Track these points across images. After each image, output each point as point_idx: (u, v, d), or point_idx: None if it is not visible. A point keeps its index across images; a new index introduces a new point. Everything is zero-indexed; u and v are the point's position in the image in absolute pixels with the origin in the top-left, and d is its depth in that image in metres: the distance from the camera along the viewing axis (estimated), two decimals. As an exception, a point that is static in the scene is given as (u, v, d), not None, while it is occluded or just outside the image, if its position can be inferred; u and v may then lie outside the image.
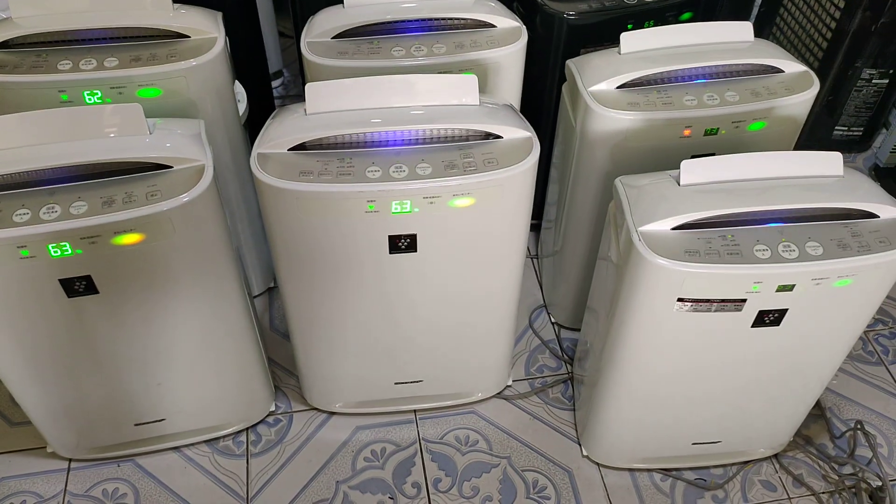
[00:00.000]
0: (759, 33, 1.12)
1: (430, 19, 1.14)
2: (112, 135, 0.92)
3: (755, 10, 1.93)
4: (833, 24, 1.54)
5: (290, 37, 2.00)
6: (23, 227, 0.83)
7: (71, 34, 1.05)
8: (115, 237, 0.87)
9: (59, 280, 0.90)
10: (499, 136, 0.95)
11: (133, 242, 0.88)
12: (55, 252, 0.86)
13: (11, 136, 0.89)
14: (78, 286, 0.91)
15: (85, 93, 1.02)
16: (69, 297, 0.92)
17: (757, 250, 0.87)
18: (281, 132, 0.95)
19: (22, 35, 1.04)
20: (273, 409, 1.27)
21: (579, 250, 1.26)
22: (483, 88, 1.06)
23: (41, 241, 0.85)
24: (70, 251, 0.86)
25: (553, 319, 1.42)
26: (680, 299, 0.90)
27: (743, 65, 1.08)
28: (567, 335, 1.40)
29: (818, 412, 1.28)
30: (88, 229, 0.85)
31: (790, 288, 0.88)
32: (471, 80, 0.98)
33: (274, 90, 1.81)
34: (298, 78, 1.94)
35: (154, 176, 0.89)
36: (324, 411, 1.27)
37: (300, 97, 1.87)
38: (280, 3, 1.86)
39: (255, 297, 1.45)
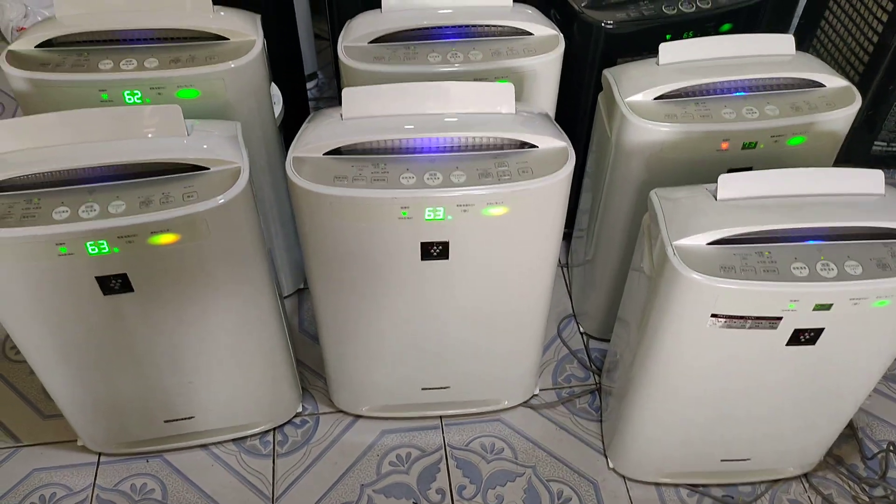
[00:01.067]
0: (799, 46, 1.11)
1: (467, 26, 1.14)
2: (151, 135, 0.93)
3: (795, 22, 1.91)
4: (875, 39, 1.52)
5: (326, 39, 2.01)
6: (62, 225, 0.84)
7: (112, 34, 1.06)
8: (151, 237, 0.88)
9: (96, 277, 0.91)
10: (534, 146, 0.95)
11: (169, 242, 0.89)
12: (93, 250, 0.87)
13: (54, 134, 0.91)
14: (114, 284, 0.92)
15: (125, 92, 1.03)
16: (105, 294, 0.93)
17: (794, 268, 0.85)
18: (317, 136, 0.95)
19: (65, 34, 1.06)
20: (300, 410, 1.27)
21: (611, 260, 1.26)
22: (519, 96, 1.06)
23: (80, 239, 0.86)
24: (107, 249, 0.87)
25: (582, 329, 1.41)
26: (714, 315, 0.89)
27: (784, 78, 1.07)
28: (596, 345, 1.39)
29: (850, 432, 1.25)
30: (126, 228, 0.86)
31: (827, 307, 0.87)
32: (507, 88, 0.97)
33: (308, 92, 1.82)
34: (333, 80, 1.95)
35: (191, 177, 0.90)
36: (350, 414, 1.27)
37: (334, 99, 1.90)
38: (316, 5, 1.87)
39: (285, 297, 1.45)
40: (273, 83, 1.22)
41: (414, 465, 1.21)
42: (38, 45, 1.05)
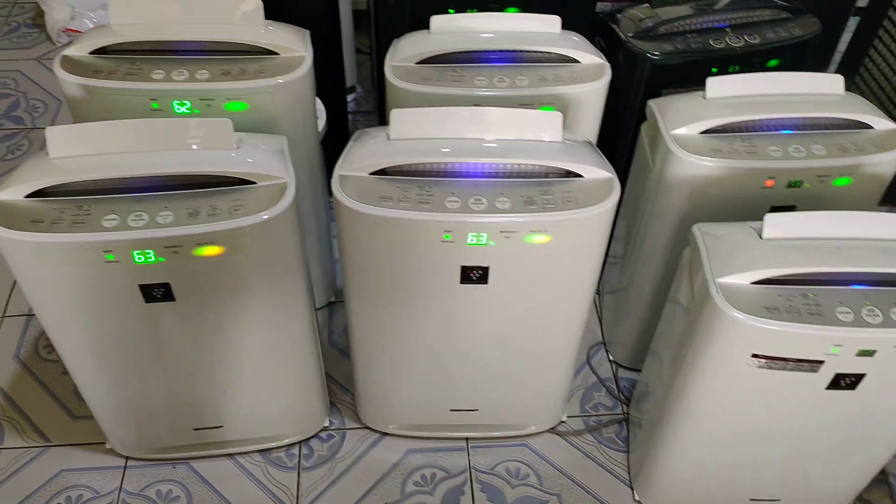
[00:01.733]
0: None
1: (515, 51, 1.15)
2: (200, 147, 0.94)
3: (837, 57, 1.90)
4: (921, 78, 1.51)
5: (366, 53, 2.02)
6: (111, 233, 0.86)
7: (165, 45, 1.08)
8: (196, 248, 0.89)
9: (140, 285, 0.92)
10: (579, 175, 0.95)
11: (213, 254, 0.90)
12: (139, 258, 0.88)
13: (107, 141, 0.92)
14: (156, 292, 0.93)
15: (175, 102, 1.04)
16: (146, 302, 0.94)
17: (839, 312, 0.84)
18: (363, 155, 0.96)
19: (118, 42, 1.07)
20: (327, 424, 1.28)
21: (646, 290, 1.25)
22: (563, 123, 1.06)
23: (127, 247, 0.87)
24: (153, 258, 0.88)
25: (612, 357, 1.40)
26: (755, 355, 0.88)
27: (831, 118, 1.06)
28: (624, 374, 1.38)
29: (882, 477, 1.24)
30: (173, 239, 0.87)
31: (871, 353, 0.86)
32: (555, 116, 0.98)
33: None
34: (371, 94, 1.96)
35: (238, 191, 0.91)
36: (377, 431, 1.27)
37: (371, 113, 1.91)
38: (358, 20, 1.89)
39: (316, 310, 1.46)
40: (317, 98, 1.23)
41: (438, 486, 1.21)
42: (93, 52, 1.06)
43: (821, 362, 0.87)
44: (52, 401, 1.30)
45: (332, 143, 1.44)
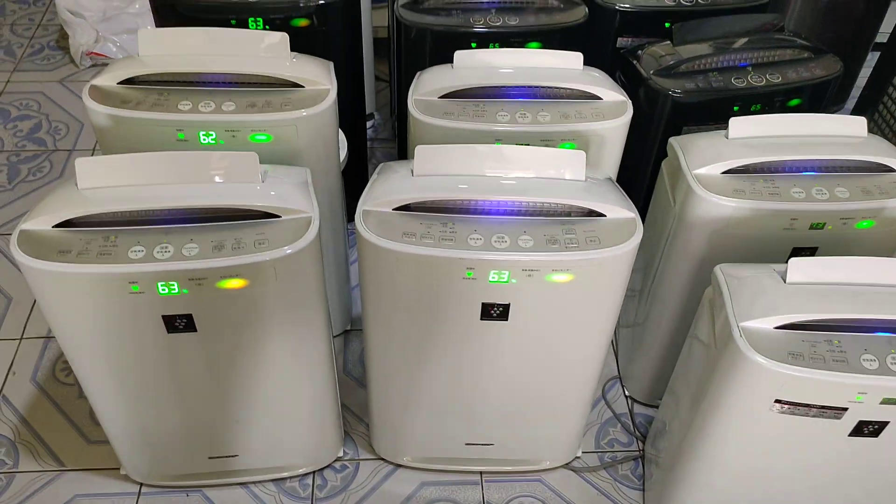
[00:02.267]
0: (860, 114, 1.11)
1: (537, 87, 1.15)
2: (226, 180, 0.95)
3: (855, 92, 1.90)
4: (941, 118, 1.51)
5: (384, 80, 2.04)
6: (137, 264, 0.86)
7: (192, 76, 1.09)
8: (220, 280, 0.89)
9: (162, 316, 0.92)
10: (602, 215, 0.95)
11: (236, 287, 0.90)
12: (163, 290, 0.89)
13: (136, 173, 0.93)
14: (179, 323, 0.93)
15: (201, 133, 1.05)
16: (168, 332, 0.94)
17: (864, 360, 0.84)
18: (386, 191, 0.97)
19: (146, 73, 1.08)
20: (341, 454, 1.27)
21: (664, 326, 1.24)
22: (586, 161, 1.06)
23: (152, 279, 0.87)
24: (177, 290, 0.89)
25: (627, 393, 1.40)
26: (777, 401, 0.87)
27: (854, 161, 1.06)
28: (640, 410, 1.37)
29: (901, 522, 1.22)
30: (198, 272, 0.87)
31: (895, 401, 0.85)
32: (579, 155, 0.98)
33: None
34: (389, 121, 1.98)
35: (263, 224, 0.92)
36: (391, 462, 1.27)
37: (389, 140, 1.92)
38: (378, 47, 1.90)
39: (333, 338, 1.46)
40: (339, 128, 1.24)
41: (452, 520, 1.20)
42: (121, 82, 1.07)
43: (844, 409, 0.87)
44: (68, 425, 1.30)
45: (352, 170, 1.45)
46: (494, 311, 0.97)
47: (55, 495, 1.21)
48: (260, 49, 1.12)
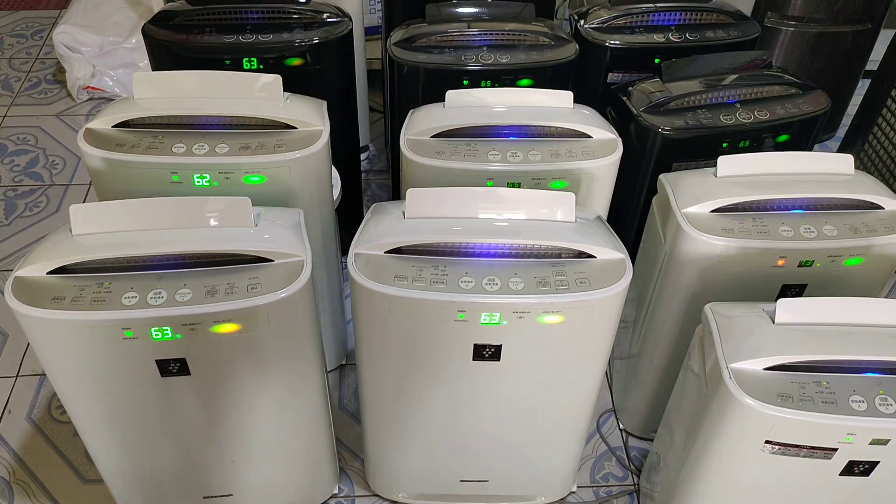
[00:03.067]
0: (849, 147, 1.12)
1: (528, 126, 1.17)
2: (219, 224, 0.96)
3: (845, 120, 1.92)
4: (930, 149, 1.52)
5: (379, 111, 2.06)
6: (131, 311, 0.87)
7: (186, 119, 1.10)
8: (213, 325, 0.90)
9: (156, 361, 0.93)
10: (592, 256, 0.96)
11: (230, 331, 0.91)
12: (156, 335, 0.89)
13: (129, 219, 0.94)
14: (172, 367, 0.94)
15: (195, 176, 1.06)
16: (162, 376, 0.95)
17: (853, 401, 0.85)
18: (378, 233, 0.97)
19: (141, 116, 1.10)
20: (336, 491, 1.27)
21: (657, 360, 1.25)
22: (575, 197, 1.08)
23: (145, 325, 0.88)
24: (171, 335, 0.89)
25: (622, 426, 1.40)
26: (768, 441, 0.88)
27: (842, 199, 1.07)
28: (635, 443, 1.38)
29: (896, 555, 1.22)
30: (191, 317, 0.88)
31: (884, 442, 0.86)
32: (568, 197, 0.99)
33: (359, 164, 1.85)
34: (383, 152, 1.99)
35: (256, 268, 0.92)
36: (386, 499, 1.27)
37: (383, 172, 1.93)
38: (371, 79, 1.92)
39: (327, 373, 1.46)
40: (332, 166, 1.25)
41: (448, 558, 1.20)
42: (116, 126, 1.09)
43: (834, 450, 0.87)
44: (64, 463, 1.30)
45: (346, 204, 1.46)
46: (486, 352, 0.97)
47: (49, 536, 1.21)
48: (253, 91, 1.13)
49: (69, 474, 1.28)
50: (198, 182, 1.07)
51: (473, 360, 0.98)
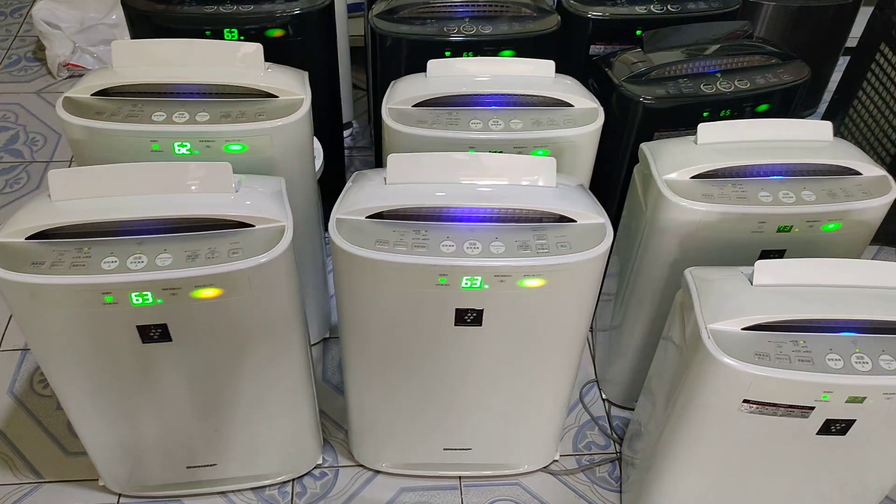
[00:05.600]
0: (830, 121, 1.13)
1: (509, 95, 1.17)
2: (200, 190, 0.95)
3: (826, 97, 1.93)
4: (909, 121, 1.53)
5: (362, 89, 2.05)
6: (110, 275, 0.86)
7: (166, 87, 1.09)
8: (194, 290, 0.90)
9: (137, 326, 0.92)
10: (572, 220, 0.96)
11: (211, 297, 0.91)
12: (137, 300, 0.89)
13: (109, 184, 0.93)
14: (153, 333, 0.94)
15: (175, 144, 1.06)
16: (143, 342, 0.95)
17: (829, 359, 0.86)
18: (360, 199, 0.97)
19: (120, 84, 1.09)
20: (320, 462, 1.28)
21: (638, 330, 1.26)
22: (557, 166, 1.08)
23: (126, 290, 0.88)
24: (151, 300, 0.89)
25: (604, 396, 1.41)
26: (746, 401, 0.89)
27: (821, 165, 1.08)
28: (617, 412, 1.39)
29: (873, 519, 1.24)
30: (172, 281, 0.88)
31: (860, 400, 0.87)
32: (549, 161, 0.99)
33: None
34: (367, 129, 1.99)
35: (237, 233, 0.92)
36: (370, 469, 1.28)
37: (367, 148, 1.93)
38: (355, 56, 1.91)
39: (311, 346, 1.46)
40: (315, 137, 1.25)
41: (431, 525, 1.21)
42: (95, 94, 1.08)
43: (811, 408, 0.88)
44: (46, 437, 1.29)
45: (329, 179, 1.46)
46: (468, 317, 0.98)
47: (33, 508, 1.20)
48: (234, 60, 1.12)
49: (52, 447, 1.28)
50: (178, 150, 1.06)
51: (455, 325, 0.99)
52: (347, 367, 1.11)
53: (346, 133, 1.96)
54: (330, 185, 1.46)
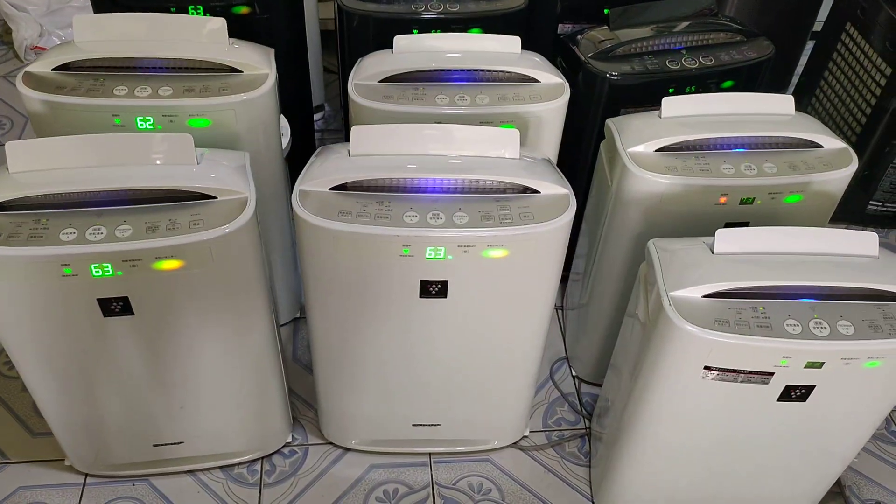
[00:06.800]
0: (798, 102, 1.14)
1: (475, 70, 1.17)
2: (161, 162, 0.95)
3: (795, 80, 1.95)
4: (873, 101, 1.55)
5: (334, 72, 2.04)
6: (69, 247, 0.86)
7: (129, 62, 1.08)
8: (155, 262, 0.89)
9: (98, 300, 0.92)
10: (536, 191, 0.97)
11: (172, 268, 0.90)
12: (97, 272, 0.88)
13: (67, 156, 0.92)
14: (115, 307, 0.93)
15: (137, 118, 1.05)
16: (105, 316, 0.94)
17: (787, 325, 0.87)
18: (323, 171, 0.97)
19: (82, 59, 1.08)
20: (289, 440, 1.27)
21: (606, 306, 1.27)
22: (523, 141, 1.08)
23: (85, 261, 0.87)
24: (111, 272, 0.88)
25: (574, 373, 1.42)
26: (707, 367, 0.90)
27: (782, 137, 1.09)
28: (587, 389, 1.40)
29: (837, 489, 1.26)
30: (131, 253, 0.87)
31: (819, 365, 0.88)
32: (513, 133, 1.00)
33: (314, 123, 1.84)
34: (339, 113, 1.98)
35: (198, 205, 0.92)
36: (339, 447, 1.28)
37: (340, 132, 1.92)
38: (327, 40, 1.91)
39: (281, 326, 1.46)
40: (282, 115, 1.24)
41: (401, 501, 1.21)
42: (55, 69, 1.07)
43: (771, 374, 0.89)
44: (11, 418, 1.28)
45: (299, 161, 1.45)
46: (433, 289, 0.98)
47: (-2, 488, 1.19)
48: (198, 35, 1.12)
49: (17, 428, 1.27)
50: (141, 125, 1.05)
51: (420, 297, 0.99)
52: (314, 343, 1.10)
53: (317, 116, 1.95)
54: (300, 168, 1.46)
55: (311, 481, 1.23)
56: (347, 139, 1.00)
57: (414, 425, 1.22)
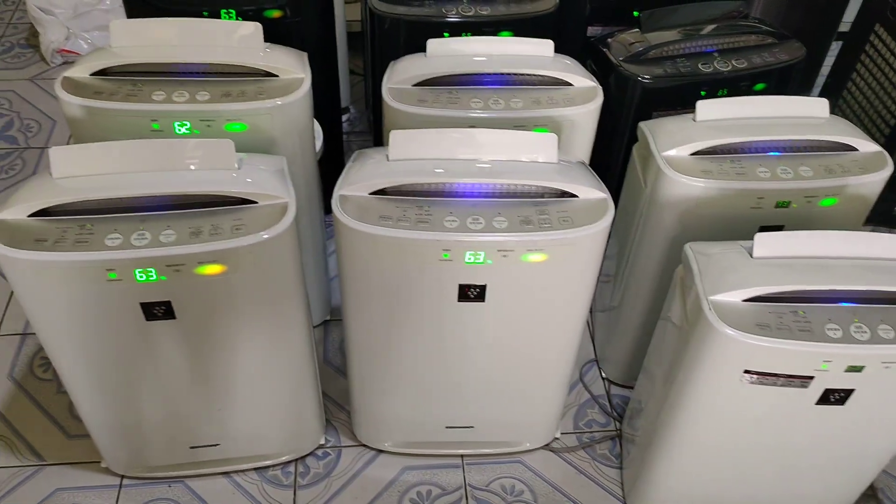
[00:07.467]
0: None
1: (509, 74, 1.17)
2: (201, 167, 0.96)
3: (821, 81, 1.94)
4: (902, 102, 1.54)
5: (359, 74, 2.05)
6: (114, 252, 0.87)
7: (166, 66, 1.09)
8: (198, 267, 0.90)
9: (141, 304, 0.93)
10: (574, 195, 0.97)
11: (214, 273, 0.91)
12: (141, 277, 0.89)
13: (111, 162, 0.93)
14: (157, 311, 0.94)
15: (175, 123, 1.06)
16: (147, 320, 0.95)
17: (828, 329, 0.87)
18: (362, 176, 0.98)
19: (120, 64, 1.09)
20: (323, 442, 1.28)
21: (638, 308, 1.27)
22: (557, 144, 1.08)
23: (129, 266, 0.88)
24: (155, 277, 0.89)
25: (604, 375, 1.42)
26: (746, 371, 0.90)
27: (817, 141, 1.09)
28: (617, 391, 1.40)
29: (871, 492, 1.25)
30: (175, 258, 0.88)
31: (859, 369, 0.88)
32: (550, 138, 1.00)
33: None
34: (364, 114, 1.99)
35: (240, 210, 0.92)
36: (372, 448, 1.28)
37: (364, 133, 1.93)
38: (352, 41, 1.91)
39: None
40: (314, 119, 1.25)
41: (434, 503, 1.22)
42: (94, 74, 1.08)
43: (811, 378, 0.89)
44: (47, 420, 1.29)
45: (328, 163, 1.46)
46: (471, 293, 0.98)
47: (36, 490, 1.20)
48: (233, 39, 1.12)
49: (53, 430, 1.28)
50: (178, 130, 1.06)
51: (458, 301, 0.99)
52: (350, 345, 1.11)
53: (343, 118, 1.96)
54: (328, 169, 1.46)
55: (344, 483, 1.23)
56: (376, 142, 1.00)
57: (447, 427, 1.22)
